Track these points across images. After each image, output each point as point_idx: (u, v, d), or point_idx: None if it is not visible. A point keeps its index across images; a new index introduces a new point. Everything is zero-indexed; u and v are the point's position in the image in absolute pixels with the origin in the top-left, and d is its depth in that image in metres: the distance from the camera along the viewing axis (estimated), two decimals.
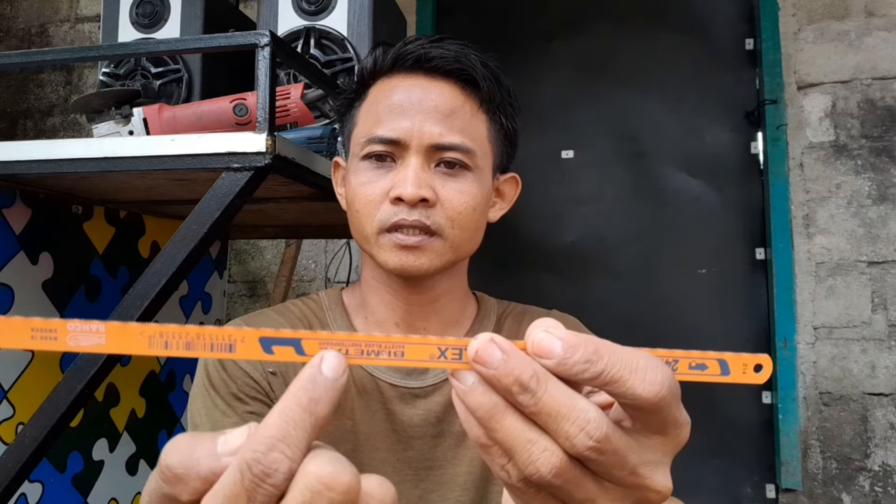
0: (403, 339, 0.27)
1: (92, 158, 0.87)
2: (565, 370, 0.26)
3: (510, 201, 0.74)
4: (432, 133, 0.63)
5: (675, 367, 0.28)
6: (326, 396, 0.24)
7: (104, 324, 0.26)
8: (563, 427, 0.26)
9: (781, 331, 2.20)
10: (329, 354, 0.25)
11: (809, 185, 2.22)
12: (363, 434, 0.66)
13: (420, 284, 0.68)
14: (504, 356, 0.26)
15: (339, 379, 0.25)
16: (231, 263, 2.60)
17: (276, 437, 0.23)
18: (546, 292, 2.45)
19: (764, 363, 0.29)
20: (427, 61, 0.66)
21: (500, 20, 2.61)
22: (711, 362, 0.28)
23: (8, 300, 1.04)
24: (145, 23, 1.19)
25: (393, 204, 0.63)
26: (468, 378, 0.27)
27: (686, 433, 0.29)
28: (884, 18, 2.19)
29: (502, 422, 0.26)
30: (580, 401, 0.26)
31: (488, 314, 0.74)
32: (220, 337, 0.26)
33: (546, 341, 0.26)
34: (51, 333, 0.25)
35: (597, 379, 0.26)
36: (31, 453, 0.82)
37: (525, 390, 0.26)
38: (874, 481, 2.09)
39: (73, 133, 2.82)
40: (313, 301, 0.73)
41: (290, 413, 0.24)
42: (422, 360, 0.27)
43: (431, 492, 0.66)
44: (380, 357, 0.27)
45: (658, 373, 0.26)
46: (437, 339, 0.27)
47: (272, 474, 0.23)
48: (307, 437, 0.24)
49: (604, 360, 0.26)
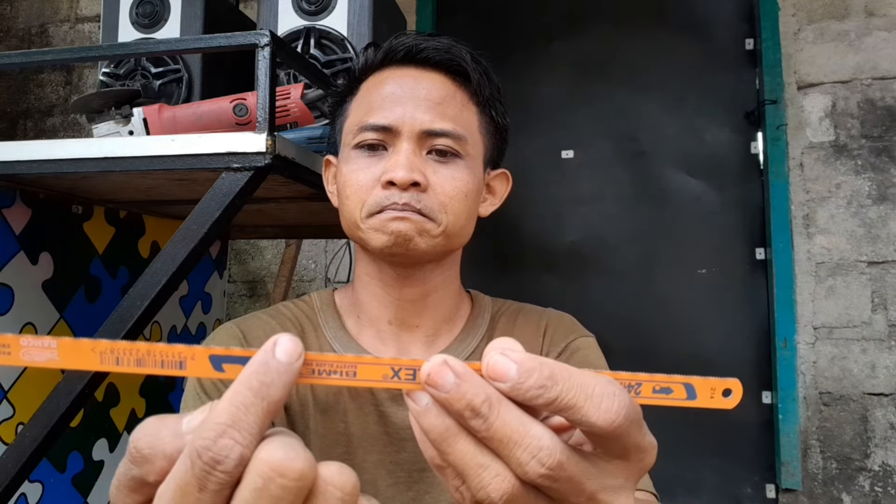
0: (356, 358, 0.27)
1: (92, 158, 0.87)
2: (519, 395, 0.26)
3: (501, 197, 0.74)
4: (423, 120, 0.63)
5: (639, 391, 0.28)
6: (279, 380, 0.24)
7: (56, 339, 0.26)
8: (514, 453, 0.26)
9: (781, 331, 2.20)
10: (283, 338, 0.25)
11: (809, 185, 2.22)
12: (356, 436, 0.66)
13: (412, 277, 0.67)
14: (457, 380, 0.25)
15: (293, 363, 0.25)
16: (231, 263, 2.60)
17: (227, 422, 0.23)
18: (546, 292, 2.45)
19: (733, 388, 0.28)
20: (418, 52, 0.66)
21: (500, 20, 2.61)
22: (677, 386, 0.28)
23: (8, 300, 1.04)
24: (145, 23, 1.19)
25: (384, 188, 0.62)
26: (422, 399, 0.26)
27: (651, 457, 0.28)
28: (884, 18, 2.19)
29: (454, 445, 0.26)
30: (533, 427, 0.26)
31: (482, 313, 0.74)
32: (170, 354, 0.26)
33: (501, 364, 0.26)
34: (5, 348, 0.26)
35: (551, 405, 0.25)
36: (31, 453, 0.82)
37: (477, 415, 0.25)
38: (874, 481, 2.09)
39: (73, 133, 2.82)
40: (305, 303, 0.73)
41: (241, 398, 0.24)
42: (374, 381, 0.27)
43: (425, 493, 0.66)
44: (331, 377, 0.27)
45: (615, 400, 0.26)
46: (390, 360, 0.27)
47: (222, 461, 0.23)
48: (259, 421, 0.23)
49: (558, 386, 0.25)
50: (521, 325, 0.73)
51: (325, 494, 0.23)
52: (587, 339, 0.73)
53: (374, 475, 0.65)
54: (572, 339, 0.72)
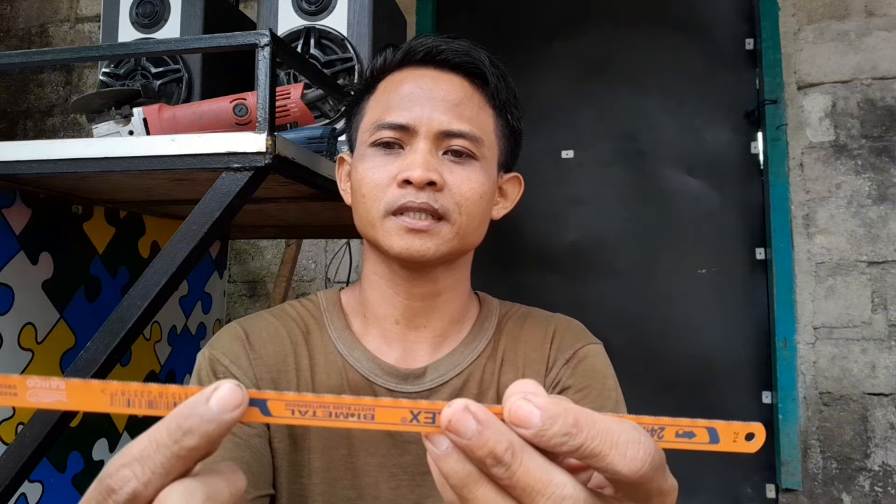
0: (374, 402, 0.26)
1: (92, 158, 0.86)
2: (542, 441, 0.25)
3: (513, 201, 0.74)
4: (441, 120, 0.64)
5: (662, 435, 0.27)
6: (199, 429, 0.23)
7: (64, 381, 0.25)
8: (537, 502, 0.25)
9: (781, 331, 2.20)
10: (226, 385, 0.24)
11: (809, 185, 2.22)
12: (358, 439, 0.66)
13: (422, 276, 0.67)
14: (479, 426, 0.25)
15: (225, 413, 0.24)
16: (231, 263, 2.60)
17: (135, 455, 0.23)
18: (546, 292, 2.45)
19: (756, 432, 0.27)
20: (437, 54, 0.67)
21: (500, 20, 2.61)
22: (700, 430, 0.27)
23: (8, 300, 1.04)
24: (145, 23, 1.19)
25: (400, 187, 0.62)
26: (442, 443, 0.26)
27: (672, 500, 0.28)
28: (884, 18, 2.19)
29: (475, 491, 0.25)
30: (557, 475, 0.25)
31: (490, 315, 0.74)
32: (183, 396, 0.26)
33: (524, 410, 0.25)
34: (10, 389, 0.25)
35: (575, 452, 0.25)
36: (31, 453, 0.82)
37: (499, 463, 0.25)
38: (874, 481, 2.09)
39: (73, 133, 2.82)
40: (311, 302, 0.73)
41: (156, 435, 0.23)
42: (393, 424, 0.26)
43: (427, 497, 0.66)
44: (349, 420, 0.26)
45: (640, 448, 0.25)
46: (409, 403, 0.26)
47: (116, 491, 0.22)
48: (166, 462, 0.23)
49: (583, 434, 0.25)
50: (529, 330, 0.73)
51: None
52: (595, 347, 0.72)
53: (376, 478, 0.65)
54: (580, 346, 0.71)
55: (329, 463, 0.65)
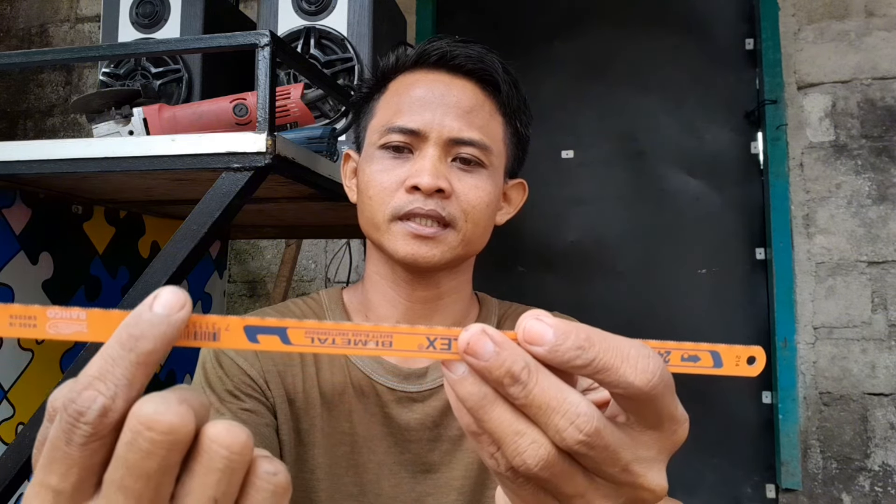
0: (392, 328, 0.26)
1: (92, 158, 0.86)
2: (557, 357, 0.26)
3: (516, 207, 0.74)
4: (452, 127, 0.64)
5: (668, 359, 0.28)
6: (151, 332, 0.23)
7: (85, 311, 0.25)
8: (552, 420, 0.26)
9: (781, 331, 2.20)
10: (165, 290, 0.24)
11: (809, 185, 2.22)
12: (361, 436, 0.66)
13: (425, 280, 0.67)
14: (496, 348, 0.25)
15: (171, 315, 0.24)
16: (231, 263, 2.60)
17: (94, 374, 0.23)
18: (546, 292, 2.45)
19: (757, 355, 0.28)
20: (451, 59, 0.67)
21: (500, 20, 2.61)
22: (704, 354, 0.28)
23: (8, 300, 1.04)
24: (145, 23, 1.19)
25: (408, 192, 0.63)
26: (458, 368, 0.26)
27: (684, 431, 0.28)
28: (884, 18, 2.19)
29: (491, 412, 0.26)
30: (571, 394, 0.26)
31: (489, 315, 0.74)
32: (204, 325, 0.26)
33: (537, 328, 0.26)
34: (30, 320, 0.25)
35: (588, 366, 0.26)
36: (31, 453, 0.82)
37: (516, 382, 0.25)
38: (874, 481, 2.09)
39: (73, 133, 2.82)
40: (314, 300, 0.73)
41: (109, 350, 0.23)
42: (410, 350, 0.26)
43: (428, 494, 0.66)
44: (367, 346, 0.26)
45: (650, 361, 0.26)
46: (426, 329, 0.26)
47: (85, 412, 0.22)
48: (127, 374, 0.23)
49: (595, 348, 0.26)
50: None
51: (210, 453, 0.23)
52: None
53: (377, 475, 0.66)
54: None
55: (332, 459, 0.66)
